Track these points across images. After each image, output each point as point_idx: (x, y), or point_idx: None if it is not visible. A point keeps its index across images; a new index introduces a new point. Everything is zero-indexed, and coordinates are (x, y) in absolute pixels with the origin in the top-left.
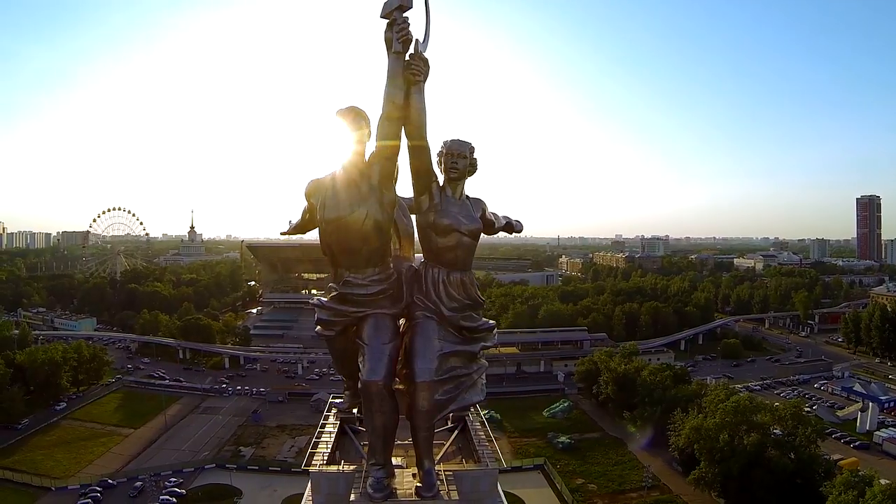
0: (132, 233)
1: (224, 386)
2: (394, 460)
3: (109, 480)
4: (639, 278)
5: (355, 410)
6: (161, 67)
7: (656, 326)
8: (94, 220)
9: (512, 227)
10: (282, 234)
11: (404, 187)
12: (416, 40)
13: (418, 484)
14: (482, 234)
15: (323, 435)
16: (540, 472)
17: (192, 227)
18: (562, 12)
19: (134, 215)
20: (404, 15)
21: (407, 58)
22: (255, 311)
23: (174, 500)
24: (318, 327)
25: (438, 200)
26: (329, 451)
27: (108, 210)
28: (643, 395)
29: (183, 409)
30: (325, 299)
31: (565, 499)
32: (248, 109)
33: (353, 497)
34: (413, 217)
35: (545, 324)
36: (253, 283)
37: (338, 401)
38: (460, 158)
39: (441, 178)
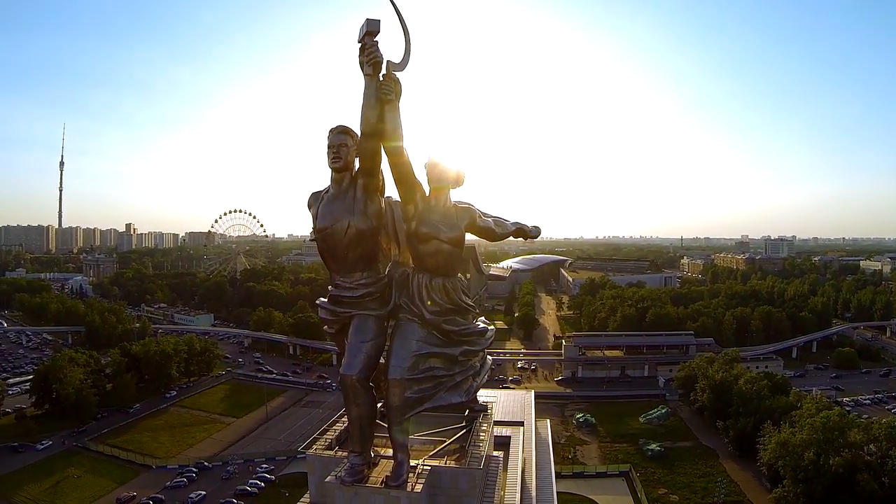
0: (255, 234)
1: (327, 381)
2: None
3: (205, 463)
4: (757, 281)
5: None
6: (285, 78)
7: (768, 332)
8: (216, 221)
9: (525, 232)
10: (310, 240)
11: None
12: (389, 61)
13: (388, 474)
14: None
15: (336, 424)
16: (624, 480)
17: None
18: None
19: (254, 217)
20: (375, 39)
21: (380, 78)
22: None
23: (262, 484)
24: (324, 326)
25: (422, 209)
26: (332, 437)
27: (229, 212)
28: (738, 404)
29: (286, 402)
30: (324, 300)
31: None
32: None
33: (328, 479)
34: None
35: (653, 327)
36: None
37: None
38: None
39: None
